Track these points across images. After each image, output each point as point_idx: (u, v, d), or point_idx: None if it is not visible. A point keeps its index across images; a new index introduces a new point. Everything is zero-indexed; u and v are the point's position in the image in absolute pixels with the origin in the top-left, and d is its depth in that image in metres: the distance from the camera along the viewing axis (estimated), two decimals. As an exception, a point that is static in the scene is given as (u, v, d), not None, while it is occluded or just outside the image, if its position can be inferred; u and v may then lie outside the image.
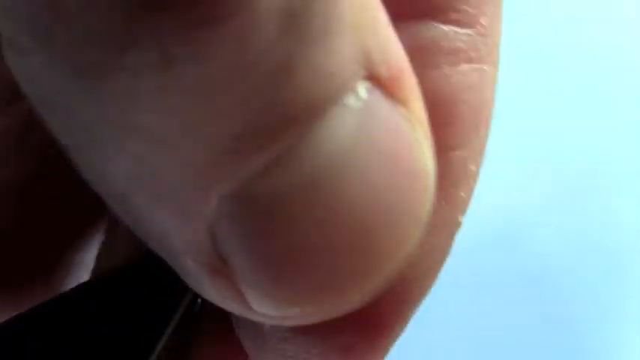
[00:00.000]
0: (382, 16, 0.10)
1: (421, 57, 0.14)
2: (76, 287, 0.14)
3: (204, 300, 0.12)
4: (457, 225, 0.15)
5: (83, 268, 0.16)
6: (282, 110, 0.10)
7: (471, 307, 0.50)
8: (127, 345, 0.13)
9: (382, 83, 0.11)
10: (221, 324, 0.14)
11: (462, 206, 0.15)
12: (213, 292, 0.11)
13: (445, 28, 0.14)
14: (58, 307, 0.13)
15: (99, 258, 0.16)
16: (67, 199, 0.15)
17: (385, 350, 0.15)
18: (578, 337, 0.51)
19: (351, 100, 0.10)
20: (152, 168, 0.10)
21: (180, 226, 0.10)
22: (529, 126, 0.54)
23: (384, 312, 0.15)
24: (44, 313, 0.13)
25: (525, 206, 0.53)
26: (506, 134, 0.54)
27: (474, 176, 0.15)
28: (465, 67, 0.15)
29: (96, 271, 0.16)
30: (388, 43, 0.11)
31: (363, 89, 0.10)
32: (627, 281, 0.52)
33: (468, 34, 0.15)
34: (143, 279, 0.13)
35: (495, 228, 0.52)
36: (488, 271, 0.51)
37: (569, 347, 0.50)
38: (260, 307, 0.11)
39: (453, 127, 0.14)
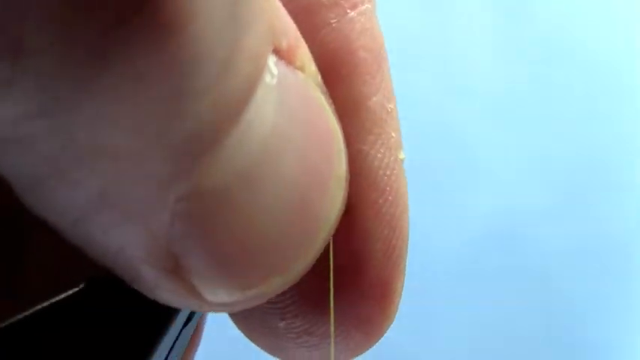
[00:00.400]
0: None
1: (309, 19, 0.14)
2: (77, 288, 0.13)
3: None
4: (401, 161, 0.16)
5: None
6: (221, 104, 0.10)
7: (471, 307, 0.50)
8: (127, 346, 0.13)
9: (283, 55, 0.11)
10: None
11: (397, 144, 0.16)
12: (170, 294, 0.11)
13: None
14: (58, 308, 0.13)
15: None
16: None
17: (395, 310, 0.16)
18: (577, 336, 0.51)
19: (267, 78, 0.11)
20: (118, 184, 0.10)
21: (140, 236, 0.11)
22: (529, 126, 0.54)
23: (385, 278, 0.16)
24: (44, 313, 0.13)
25: (525, 206, 0.53)
26: (506, 134, 0.54)
27: (395, 112, 0.15)
28: (351, 14, 0.15)
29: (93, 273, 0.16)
30: (283, 18, 0.11)
31: (272, 64, 0.11)
32: (627, 280, 0.52)
33: None
34: None
35: (495, 228, 0.52)
36: (488, 271, 0.51)
37: (568, 346, 0.50)
38: (215, 297, 0.12)
39: (360, 76, 0.15)
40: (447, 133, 0.53)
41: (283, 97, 0.11)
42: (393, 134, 0.15)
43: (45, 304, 0.13)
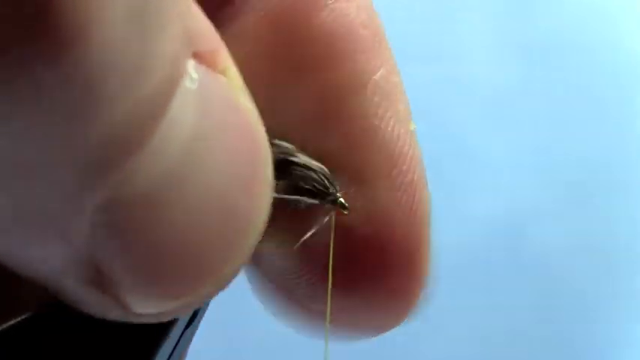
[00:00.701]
0: (191, 1, 0.11)
1: (306, 2, 0.15)
2: None
3: None
4: (413, 132, 0.16)
5: None
6: (136, 111, 0.10)
7: (471, 306, 0.50)
8: (130, 347, 0.13)
9: (204, 59, 0.11)
10: None
11: (406, 115, 0.16)
12: (96, 306, 0.11)
13: None
14: (58, 310, 0.13)
15: None
16: None
17: (425, 274, 0.17)
18: (580, 335, 0.51)
19: (187, 83, 0.10)
20: (31, 199, 0.10)
21: (60, 249, 0.10)
22: (530, 125, 0.54)
23: (409, 245, 0.16)
24: (45, 315, 0.13)
25: (526, 205, 0.53)
26: (506, 134, 0.54)
27: (400, 85, 0.16)
28: None
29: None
30: (203, 22, 0.11)
31: (192, 69, 0.11)
32: (629, 280, 0.52)
33: None
34: None
35: (496, 227, 0.52)
36: (488, 270, 0.51)
37: (571, 345, 0.50)
38: (142, 308, 0.11)
39: (364, 52, 0.15)
40: (447, 132, 0.53)
41: (205, 101, 0.11)
42: (401, 106, 0.16)
43: (45, 304, 0.13)
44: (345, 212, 0.15)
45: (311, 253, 0.15)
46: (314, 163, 0.15)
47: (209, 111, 0.11)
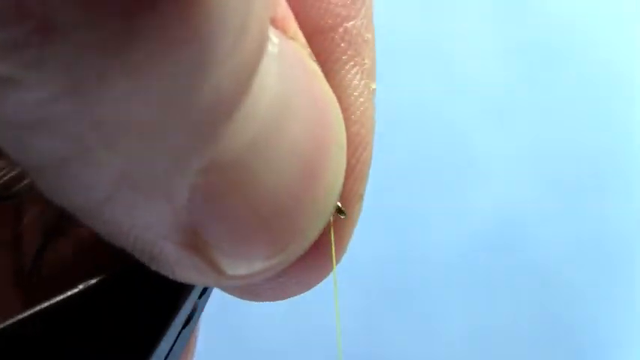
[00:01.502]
0: None
1: None
2: (77, 290, 0.14)
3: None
4: (372, 92, 0.16)
5: None
6: (238, 70, 0.10)
7: (471, 306, 0.50)
8: (128, 345, 0.13)
9: (278, 24, 0.12)
10: None
11: (370, 72, 0.16)
12: (190, 270, 0.12)
13: None
14: (58, 310, 0.13)
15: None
16: None
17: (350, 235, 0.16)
18: (578, 335, 0.51)
19: (269, 47, 0.11)
20: (142, 161, 0.10)
21: (162, 213, 0.11)
22: (529, 125, 0.54)
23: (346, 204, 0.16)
24: (45, 315, 0.13)
25: (526, 205, 0.53)
26: (506, 134, 0.54)
27: (372, 43, 0.16)
28: None
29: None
30: None
31: (272, 33, 0.11)
32: (628, 280, 0.52)
33: None
34: (143, 280, 0.13)
35: (495, 227, 0.52)
36: (488, 270, 0.51)
37: (569, 346, 0.50)
38: (234, 270, 0.12)
39: None
40: (447, 132, 0.53)
41: (284, 65, 0.11)
42: (367, 61, 0.16)
43: (45, 304, 0.13)
44: (343, 217, 0.15)
45: None
46: None
47: (289, 75, 0.12)
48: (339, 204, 0.16)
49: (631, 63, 0.56)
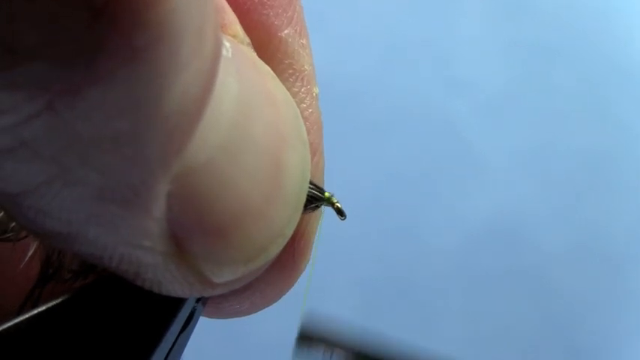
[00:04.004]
0: None
1: None
2: (77, 291, 0.13)
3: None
4: (315, 96, 0.16)
5: None
6: (200, 76, 0.10)
7: (471, 306, 0.50)
8: (126, 349, 0.13)
9: (227, 30, 0.12)
10: None
11: (310, 77, 0.16)
12: (177, 282, 0.12)
13: None
14: (56, 313, 0.13)
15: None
16: None
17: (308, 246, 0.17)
18: (576, 335, 0.51)
19: (224, 51, 0.11)
20: (119, 174, 0.10)
21: (142, 224, 0.11)
22: (529, 125, 0.54)
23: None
24: (45, 314, 0.13)
25: (525, 205, 0.53)
26: (506, 133, 0.54)
27: (309, 48, 0.16)
28: None
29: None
30: None
31: (224, 39, 0.11)
32: (627, 280, 0.52)
33: None
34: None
35: (495, 227, 0.52)
36: (487, 270, 0.51)
37: (567, 346, 0.50)
38: (220, 277, 0.12)
39: (272, 8, 0.15)
40: (447, 132, 0.53)
41: (239, 67, 0.12)
42: (306, 67, 0.16)
43: (43, 307, 0.13)
44: (342, 218, 0.15)
45: None
46: None
47: (245, 76, 0.12)
48: (339, 205, 0.16)
49: (631, 63, 0.56)
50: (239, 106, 0.11)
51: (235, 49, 0.12)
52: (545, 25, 0.56)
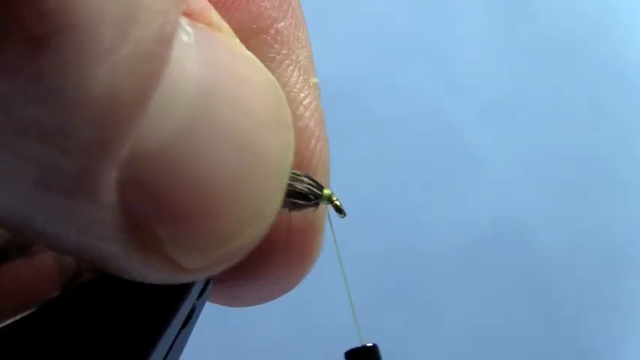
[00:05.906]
0: None
1: None
2: (77, 288, 0.13)
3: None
4: (314, 85, 0.16)
5: None
6: (136, 64, 0.10)
7: (471, 306, 0.50)
8: (126, 346, 0.13)
9: (197, 17, 0.12)
10: None
11: (308, 67, 0.16)
12: (151, 271, 0.12)
13: None
14: (54, 311, 0.13)
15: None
16: None
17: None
18: (578, 335, 0.51)
19: (183, 37, 0.11)
20: (52, 163, 0.10)
21: (96, 212, 0.11)
22: (530, 125, 0.54)
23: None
24: (45, 313, 0.13)
25: (526, 205, 0.53)
26: (506, 134, 0.54)
27: (305, 41, 0.16)
28: None
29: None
30: None
31: (186, 24, 0.11)
32: (628, 281, 0.52)
33: None
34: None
35: (495, 227, 0.52)
36: (488, 270, 0.51)
37: (568, 346, 0.50)
38: (192, 262, 0.12)
39: (269, 1, 0.15)
40: (447, 132, 0.53)
41: (208, 53, 0.11)
42: (302, 58, 0.16)
43: (40, 305, 0.13)
44: (342, 216, 0.15)
45: None
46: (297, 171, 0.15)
47: (214, 63, 0.12)
48: (338, 203, 0.16)
49: (632, 63, 0.56)
50: (203, 90, 0.11)
51: (200, 34, 0.12)
52: (546, 26, 0.56)
